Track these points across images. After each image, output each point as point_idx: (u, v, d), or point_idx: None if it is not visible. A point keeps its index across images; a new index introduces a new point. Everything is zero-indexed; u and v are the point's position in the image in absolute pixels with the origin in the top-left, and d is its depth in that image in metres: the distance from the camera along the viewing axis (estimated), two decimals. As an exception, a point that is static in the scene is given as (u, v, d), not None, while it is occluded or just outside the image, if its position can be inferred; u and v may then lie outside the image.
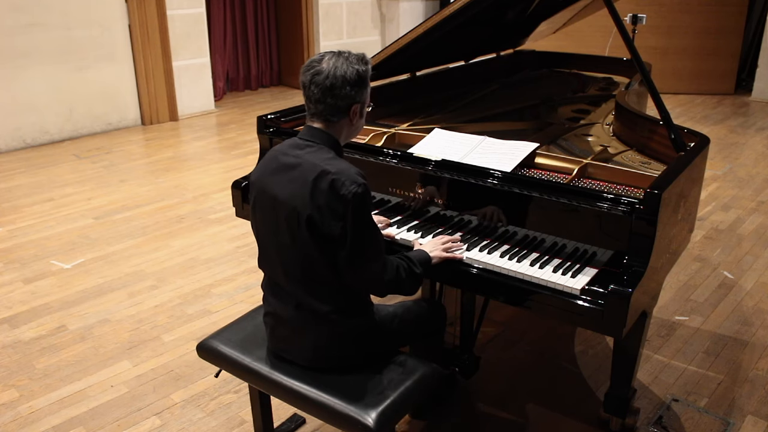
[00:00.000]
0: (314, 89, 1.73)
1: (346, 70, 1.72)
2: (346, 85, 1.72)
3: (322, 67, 1.72)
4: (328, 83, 1.71)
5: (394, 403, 1.72)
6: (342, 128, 1.81)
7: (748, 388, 2.59)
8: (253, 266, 3.57)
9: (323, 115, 1.77)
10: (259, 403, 2.14)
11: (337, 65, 1.72)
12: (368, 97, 1.83)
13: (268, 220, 1.79)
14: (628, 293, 1.69)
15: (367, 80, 1.78)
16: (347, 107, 1.76)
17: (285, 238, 1.74)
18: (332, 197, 1.66)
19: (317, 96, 1.73)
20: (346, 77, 1.72)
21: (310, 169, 1.70)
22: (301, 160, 1.73)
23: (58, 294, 3.30)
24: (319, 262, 1.72)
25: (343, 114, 1.77)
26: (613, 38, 6.07)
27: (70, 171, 5.12)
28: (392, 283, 1.77)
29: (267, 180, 1.78)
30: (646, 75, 2.29)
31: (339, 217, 1.66)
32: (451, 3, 2.48)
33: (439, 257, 1.94)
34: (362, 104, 1.81)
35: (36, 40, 5.50)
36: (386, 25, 8.46)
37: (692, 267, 3.58)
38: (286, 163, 1.76)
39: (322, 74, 1.71)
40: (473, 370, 2.47)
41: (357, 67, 1.74)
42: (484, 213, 2.06)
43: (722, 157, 5.49)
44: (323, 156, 1.72)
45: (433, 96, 3.16)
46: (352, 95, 1.75)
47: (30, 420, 2.42)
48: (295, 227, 1.71)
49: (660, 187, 1.77)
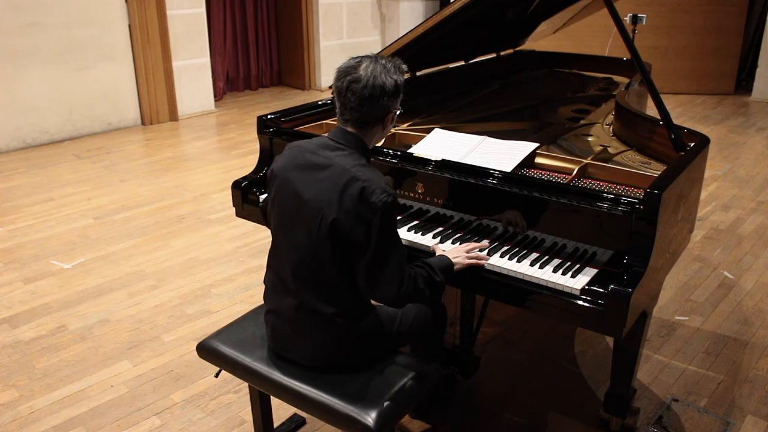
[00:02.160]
0: (351, 97, 1.70)
1: (385, 80, 1.69)
2: (385, 95, 1.70)
3: (359, 74, 1.69)
4: (367, 93, 1.68)
5: (394, 403, 1.72)
6: (374, 134, 1.81)
7: (748, 388, 2.59)
8: (253, 266, 3.57)
9: (358, 123, 1.75)
10: (259, 403, 2.14)
11: (376, 74, 1.68)
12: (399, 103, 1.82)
13: (287, 216, 1.77)
14: (628, 293, 1.69)
15: (402, 89, 1.77)
16: (383, 116, 1.75)
17: (300, 237, 1.73)
18: (361, 204, 1.64)
19: (353, 104, 1.71)
20: (386, 88, 1.69)
21: (341, 172, 1.68)
22: (332, 162, 1.71)
23: (58, 294, 3.30)
24: (329, 264, 1.71)
25: (378, 122, 1.76)
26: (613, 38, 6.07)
27: (70, 171, 5.12)
28: (409, 295, 1.74)
29: (292, 175, 1.76)
30: (646, 75, 2.29)
31: (365, 223, 1.65)
32: (451, 3, 2.48)
33: (462, 264, 1.90)
34: (396, 111, 1.80)
35: (36, 40, 5.50)
36: (386, 25, 8.46)
37: (692, 267, 3.58)
38: (314, 162, 1.74)
39: (360, 83, 1.68)
40: (473, 370, 2.47)
41: (395, 77, 1.72)
42: (484, 213, 2.06)
43: (722, 157, 5.49)
44: (354, 162, 1.70)
45: (433, 96, 3.16)
46: (389, 105, 1.74)
47: (30, 420, 2.42)
48: (315, 228, 1.69)
49: (660, 187, 1.77)
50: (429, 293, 1.80)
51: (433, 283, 1.80)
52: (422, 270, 1.80)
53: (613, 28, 2.25)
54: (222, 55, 7.48)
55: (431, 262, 1.85)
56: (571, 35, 5.58)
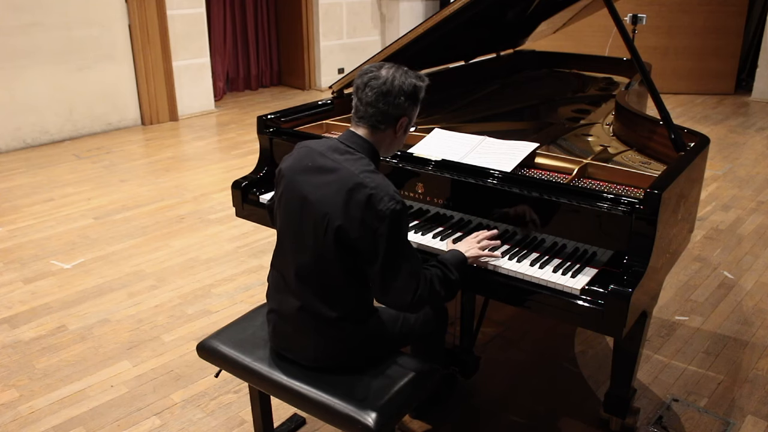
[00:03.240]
0: (368, 92, 1.72)
1: (404, 80, 1.73)
2: (401, 95, 1.72)
3: (380, 73, 1.72)
4: (385, 89, 1.71)
5: (394, 403, 1.72)
6: (386, 139, 1.79)
7: (748, 388, 2.59)
8: (253, 266, 3.57)
9: (371, 121, 1.75)
10: (259, 403, 2.14)
11: (396, 75, 1.72)
12: (416, 116, 1.83)
13: (292, 218, 1.76)
14: (628, 293, 1.69)
15: (420, 97, 1.78)
16: (396, 118, 1.75)
17: (305, 239, 1.73)
18: (369, 211, 1.63)
19: (370, 99, 1.72)
20: (404, 87, 1.72)
21: (348, 177, 1.67)
22: (340, 167, 1.70)
23: (58, 294, 3.30)
24: (334, 268, 1.71)
25: (391, 124, 1.76)
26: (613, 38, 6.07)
27: (70, 171, 5.12)
28: (425, 300, 1.71)
29: (299, 177, 1.75)
30: (646, 75, 2.29)
31: (372, 231, 1.63)
32: (451, 3, 2.48)
33: (475, 255, 1.89)
34: (410, 120, 1.80)
35: (36, 40, 5.50)
36: (386, 25, 8.46)
37: (692, 267, 3.58)
38: (322, 165, 1.72)
39: (380, 79, 1.71)
40: (473, 370, 2.47)
41: (415, 81, 1.75)
42: (484, 213, 2.06)
43: (722, 157, 5.49)
44: (363, 167, 1.69)
45: (433, 96, 3.14)
46: (404, 107, 1.74)
47: (30, 420, 2.42)
48: (321, 232, 1.68)
49: (660, 187, 1.77)
50: (445, 293, 1.78)
51: (448, 282, 1.78)
52: (437, 270, 1.78)
53: (613, 28, 2.25)
54: (222, 55, 7.48)
55: (444, 259, 1.83)
56: (571, 35, 5.58)
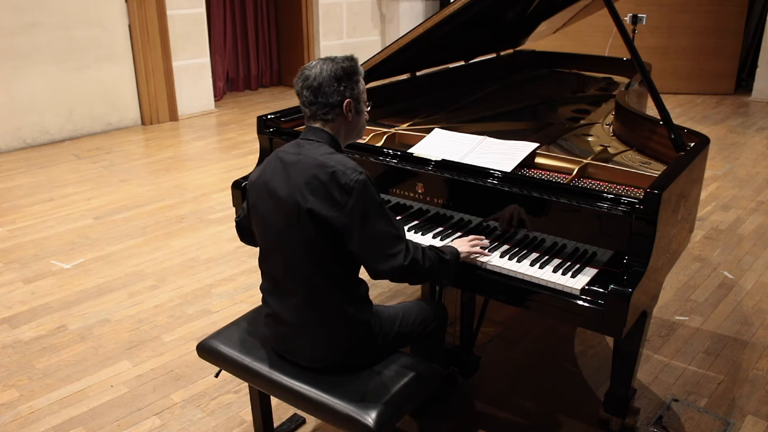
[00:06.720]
0: (306, 93, 1.80)
1: (331, 68, 1.78)
2: (334, 81, 1.77)
3: (309, 73, 1.79)
4: (316, 83, 1.77)
5: (394, 403, 1.73)
6: (340, 126, 1.83)
7: (748, 388, 2.59)
8: (253, 266, 3.57)
9: (318, 115, 1.81)
10: (259, 403, 2.14)
11: (323, 67, 1.78)
12: (363, 94, 1.86)
13: (271, 219, 1.78)
14: (628, 293, 1.69)
15: (355, 75, 1.82)
16: (339, 103, 1.79)
17: (286, 234, 1.74)
18: (334, 188, 1.67)
19: (309, 98, 1.79)
20: (333, 74, 1.78)
21: (309, 163, 1.72)
22: (301, 156, 1.75)
23: (58, 294, 3.30)
24: (321, 255, 1.72)
25: (337, 111, 1.80)
26: (613, 38, 6.08)
27: (70, 171, 5.12)
28: (418, 264, 1.74)
29: (268, 180, 1.79)
30: (646, 75, 2.29)
31: (342, 206, 1.67)
32: (451, 3, 2.48)
33: (466, 252, 1.94)
34: (355, 100, 1.82)
35: (36, 40, 5.50)
36: (386, 25, 8.46)
37: (692, 267, 3.58)
38: (287, 162, 1.77)
39: (310, 79, 1.78)
40: (473, 370, 2.47)
41: (342, 64, 1.80)
42: (484, 213, 2.06)
43: (722, 157, 5.49)
44: (322, 151, 1.75)
45: (433, 96, 3.16)
46: (341, 90, 1.78)
47: (30, 420, 2.42)
48: (295, 222, 1.71)
49: (660, 187, 1.77)
50: (439, 268, 1.81)
51: (441, 261, 1.82)
52: (427, 248, 1.82)
53: (613, 28, 2.25)
54: (222, 55, 7.48)
55: (435, 246, 1.88)
56: (571, 35, 5.59)
